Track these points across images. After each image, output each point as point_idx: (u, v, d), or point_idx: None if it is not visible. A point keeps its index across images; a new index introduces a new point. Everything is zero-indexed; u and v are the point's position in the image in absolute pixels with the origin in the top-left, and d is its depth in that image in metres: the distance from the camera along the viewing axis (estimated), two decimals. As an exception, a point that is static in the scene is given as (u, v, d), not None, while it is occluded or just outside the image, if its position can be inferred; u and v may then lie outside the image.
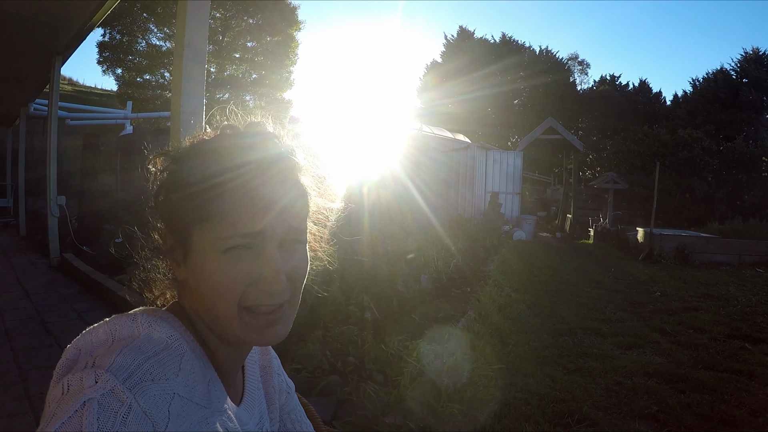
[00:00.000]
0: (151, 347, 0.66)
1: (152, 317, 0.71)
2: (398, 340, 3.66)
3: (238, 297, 0.71)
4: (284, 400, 1.03)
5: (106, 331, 0.69)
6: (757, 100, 26.06)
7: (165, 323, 0.71)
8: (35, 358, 3.61)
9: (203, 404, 0.68)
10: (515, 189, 15.14)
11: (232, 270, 0.70)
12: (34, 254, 8.51)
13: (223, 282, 0.70)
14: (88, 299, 5.41)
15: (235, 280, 0.70)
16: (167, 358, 0.66)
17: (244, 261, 0.71)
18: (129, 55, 25.58)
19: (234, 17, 27.32)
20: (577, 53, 53.35)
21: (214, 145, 0.75)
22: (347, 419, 2.53)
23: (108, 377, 0.59)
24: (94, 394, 0.57)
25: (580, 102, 35.96)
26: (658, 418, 2.97)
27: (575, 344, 4.36)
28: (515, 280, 6.80)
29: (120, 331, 0.68)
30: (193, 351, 0.71)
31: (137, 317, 0.71)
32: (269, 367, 1.01)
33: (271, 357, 1.03)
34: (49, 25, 6.22)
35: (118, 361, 0.61)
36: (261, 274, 0.71)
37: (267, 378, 0.99)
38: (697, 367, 3.85)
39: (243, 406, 0.84)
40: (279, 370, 1.04)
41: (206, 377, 0.71)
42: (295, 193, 0.75)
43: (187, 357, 0.69)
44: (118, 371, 0.60)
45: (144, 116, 20.07)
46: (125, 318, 0.70)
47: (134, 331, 0.69)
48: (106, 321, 0.70)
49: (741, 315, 5.48)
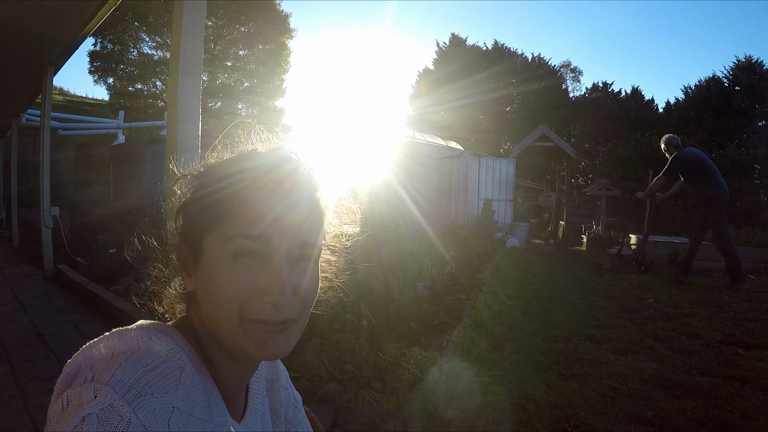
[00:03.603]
0: (150, 360, 0.66)
1: (152, 331, 0.71)
2: (395, 348, 3.68)
3: (240, 305, 0.70)
4: (291, 415, 1.02)
5: (106, 345, 0.69)
6: (750, 107, 26.30)
7: (165, 336, 0.71)
8: (33, 371, 3.60)
9: (204, 418, 0.67)
10: (508, 196, 15.19)
11: (236, 276, 0.70)
12: (27, 266, 8.48)
13: (227, 289, 0.70)
14: (83, 310, 5.39)
15: (238, 287, 0.70)
16: (167, 371, 0.66)
17: (251, 270, 0.71)
18: (121, 65, 25.63)
19: (226, 25, 27.39)
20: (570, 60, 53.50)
21: (234, 161, 0.78)
22: (347, 427, 2.54)
23: (107, 391, 0.59)
24: (94, 408, 0.57)
25: (572, 109, 36.22)
26: (654, 422, 3.00)
27: (570, 350, 4.39)
28: (509, 286, 6.82)
29: (120, 344, 0.69)
30: (194, 365, 0.71)
31: (137, 331, 0.71)
32: (276, 380, 1.01)
33: (278, 370, 1.03)
34: (41, 35, 6.21)
35: (117, 375, 0.61)
36: (266, 285, 0.71)
37: (273, 392, 0.99)
38: (691, 372, 3.88)
39: (244, 422, 0.84)
40: (287, 383, 1.04)
41: (207, 391, 0.71)
42: (308, 208, 0.76)
43: (188, 370, 0.68)
44: (117, 385, 0.60)
45: (136, 126, 20.07)
46: (125, 332, 0.71)
47: (134, 344, 0.69)
48: (106, 335, 0.71)
49: (734, 321, 5.51)
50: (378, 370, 3.32)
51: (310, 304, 0.77)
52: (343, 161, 0.66)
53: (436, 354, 3.74)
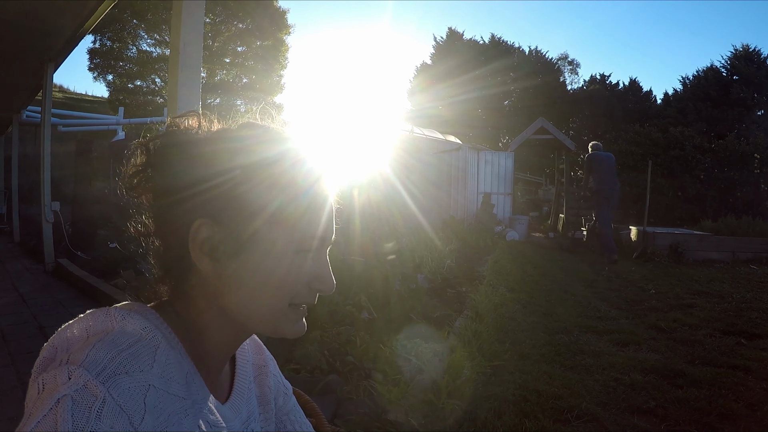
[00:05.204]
0: (124, 340, 0.65)
1: (126, 311, 0.71)
2: (396, 339, 3.67)
3: (294, 293, 0.76)
4: (282, 402, 1.01)
5: (80, 327, 0.68)
6: (748, 97, 26.32)
7: (139, 316, 0.71)
8: (33, 362, 3.58)
9: (181, 395, 0.67)
10: (507, 189, 15.14)
11: (299, 269, 0.75)
12: (28, 260, 8.48)
13: (287, 280, 0.75)
14: (84, 304, 5.34)
15: (298, 279, 0.76)
16: (141, 350, 0.65)
17: (308, 262, 0.76)
18: (120, 62, 25.58)
19: (224, 22, 27.33)
20: (567, 53, 53.60)
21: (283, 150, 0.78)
22: (348, 417, 2.54)
23: (81, 372, 0.58)
24: (68, 390, 0.57)
25: (570, 102, 36.18)
26: (657, 413, 2.99)
27: (571, 342, 4.38)
28: (509, 279, 6.82)
29: (94, 326, 0.68)
30: (169, 342, 0.71)
31: (111, 311, 0.70)
32: (265, 366, 1.00)
33: (266, 357, 1.02)
34: (41, 31, 6.20)
35: (91, 356, 0.61)
36: (317, 274, 0.77)
37: (262, 378, 0.98)
38: (693, 362, 3.87)
39: (229, 404, 0.84)
40: (275, 371, 1.03)
41: (184, 369, 0.71)
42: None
43: (162, 348, 0.68)
44: (90, 366, 0.59)
45: (136, 122, 19.95)
46: (99, 313, 0.70)
47: (108, 325, 0.68)
48: (80, 317, 0.70)
49: (736, 311, 5.51)
50: (379, 361, 3.30)
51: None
52: (341, 155, 0.66)
53: (437, 345, 3.73)
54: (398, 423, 2.47)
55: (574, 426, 2.75)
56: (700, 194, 17.52)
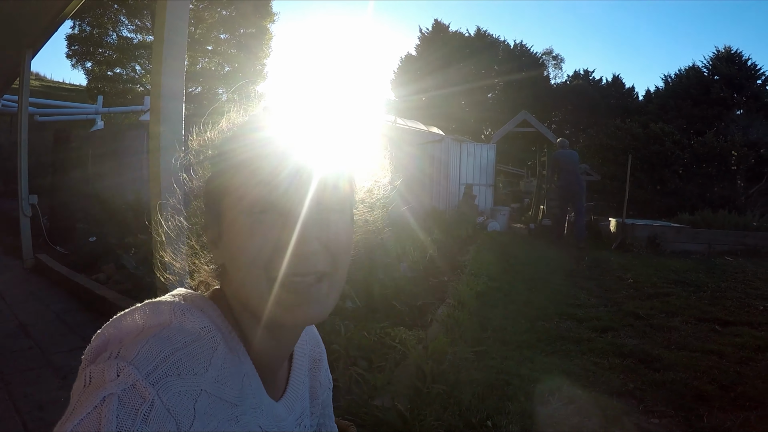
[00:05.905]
0: (181, 338, 0.62)
1: (187, 305, 0.68)
2: (380, 327, 3.71)
3: (265, 263, 0.65)
4: (325, 396, 0.99)
5: (137, 316, 0.66)
6: (728, 96, 26.83)
7: (200, 312, 0.68)
8: (16, 362, 3.53)
9: (234, 402, 0.65)
10: (489, 181, 15.21)
11: (258, 232, 0.66)
12: (6, 257, 8.18)
13: (249, 248, 0.66)
14: (65, 300, 5.30)
15: (260, 242, 0.65)
16: (197, 350, 0.62)
17: (272, 225, 0.66)
18: (99, 48, 24.93)
19: (207, 8, 26.83)
20: (552, 48, 53.72)
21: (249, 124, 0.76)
22: (336, 404, 2.56)
23: (130, 370, 0.56)
24: (115, 389, 0.55)
25: (553, 96, 36.42)
26: (635, 394, 3.08)
27: (552, 329, 4.46)
28: (491, 269, 6.88)
29: (151, 318, 0.65)
30: (228, 343, 0.68)
31: (171, 304, 0.67)
32: (320, 360, 0.97)
33: (322, 350, 0.99)
34: (18, 16, 6.02)
35: (143, 353, 0.58)
36: (289, 237, 0.65)
37: (316, 372, 0.95)
38: (669, 348, 3.98)
39: (283, 401, 0.81)
40: (326, 364, 1.00)
41: (241, 372, 0.68)
42: (328, 164, 0.72)
43: (220, 350, 0.65)
44: (141, 364, 0.57)
45: (115, 111, 19.69)
46: (158, 304, 0.68)
47: (165, 318, 0.65)
48: (138, 306, 0.67)
49: (711, 300, 5.64)
50: (364, 349, 3.34)
51: (343, 256, 0.71)
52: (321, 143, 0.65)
53: (421, 332, 3.79)
54: (385, 408, 2.51)
55: (555, 408, 2.82)
56: (678, 188, 17.84)
